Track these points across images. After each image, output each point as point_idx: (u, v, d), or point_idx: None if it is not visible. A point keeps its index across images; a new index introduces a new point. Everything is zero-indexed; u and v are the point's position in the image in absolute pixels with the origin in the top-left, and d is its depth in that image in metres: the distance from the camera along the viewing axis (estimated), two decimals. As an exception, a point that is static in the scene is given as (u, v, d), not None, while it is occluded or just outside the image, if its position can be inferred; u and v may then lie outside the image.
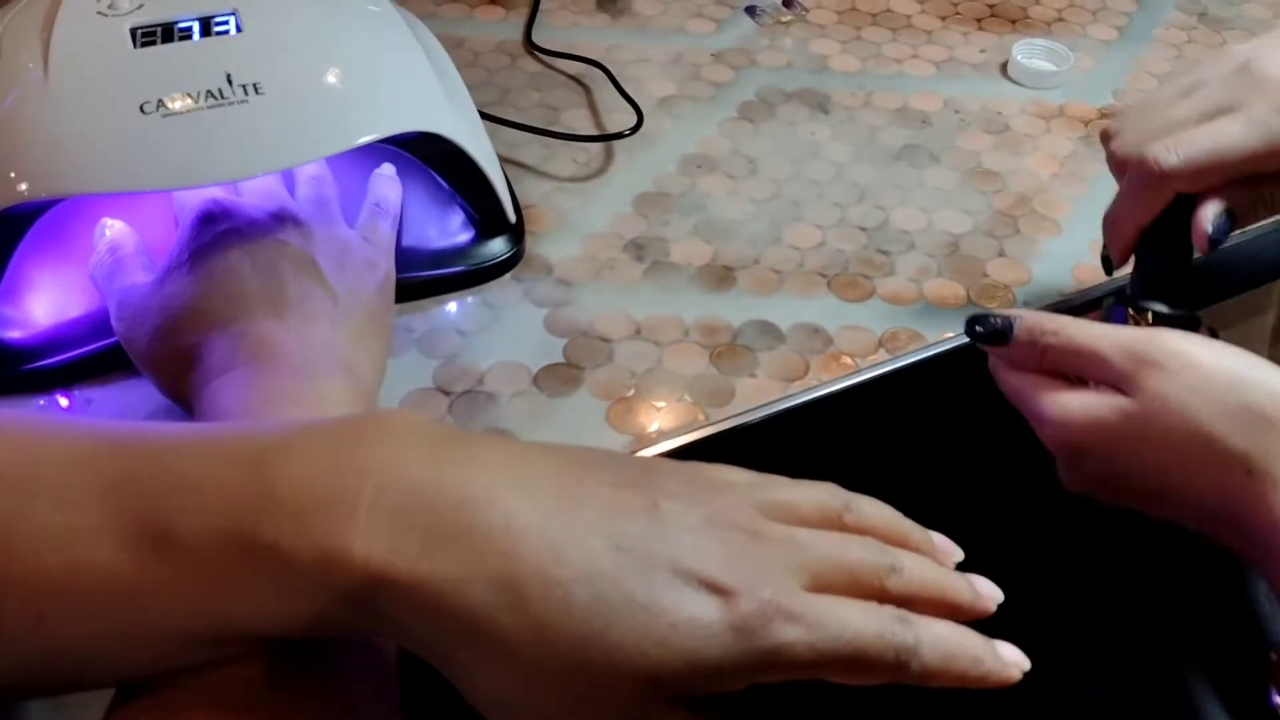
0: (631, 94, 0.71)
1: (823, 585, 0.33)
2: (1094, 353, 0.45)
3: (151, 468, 0.34)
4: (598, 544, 0.32)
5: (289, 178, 0.55)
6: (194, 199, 0.51)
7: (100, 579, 0.32)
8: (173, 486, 0.33)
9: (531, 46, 0.76)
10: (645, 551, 0.32)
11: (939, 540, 0.38)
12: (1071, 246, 0.64)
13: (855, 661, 0.32)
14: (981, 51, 0.78)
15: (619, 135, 0.68)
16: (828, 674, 0.33)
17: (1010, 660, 0.35)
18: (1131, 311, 0.51)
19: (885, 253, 0.63)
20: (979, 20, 0.81)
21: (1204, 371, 0.43)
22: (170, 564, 0.32)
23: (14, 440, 0.35)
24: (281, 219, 0.50)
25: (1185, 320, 0.50)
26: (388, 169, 0.57)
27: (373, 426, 0.34)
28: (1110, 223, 0.53)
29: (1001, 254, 0.63)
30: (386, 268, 0.52)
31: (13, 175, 0.48)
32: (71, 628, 0.33)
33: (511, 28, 0.77)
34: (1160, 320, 0.50)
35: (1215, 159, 0.49)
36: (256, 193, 0.52)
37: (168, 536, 0.32)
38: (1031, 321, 0.46)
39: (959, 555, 0.38)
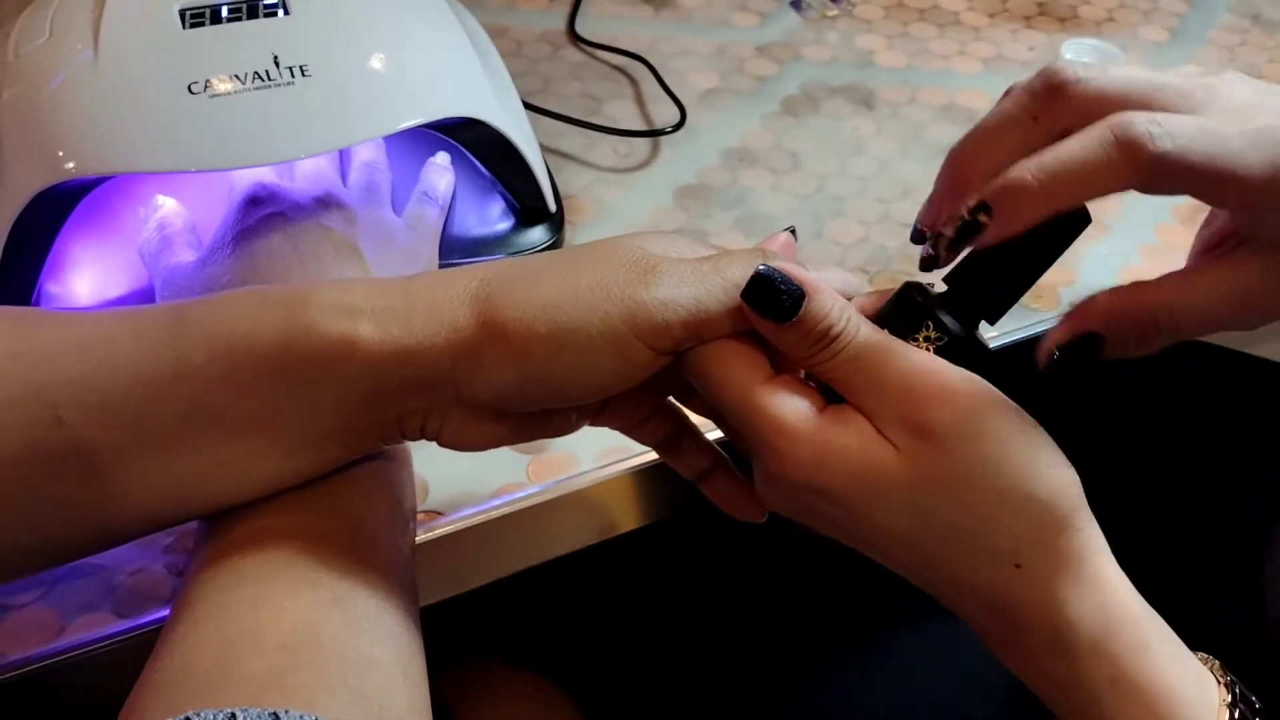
0: (674, 86, 0.71)
1: None
2: (875, 388, 0.37)
3: (183, 307, 0.39)
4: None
5: (344, 162, 0.55)
6: (245, 180, 0.51)
7: (116, 370, 0.36)
8: (206, 306, 0.38)
9: (575, 37, 0.75)
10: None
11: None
12: (1119, 247, 0.63)
13: None
14: (1030, 49, 0.77)
15: (661, 132, 0.67)
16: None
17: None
18: (919, 308, 0.40)
19: (928, 250, 0.62)
20: (1028, 18, 0.79)
21: (989, 454, 0.36)
22: (188, 341, 0.36)
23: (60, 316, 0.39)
24: (327, 204, 0.50)
25: (971, 346, 0.39)
26: (441, 158, 0.58)
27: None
28: (1012, 191, 0.37)
29: (1047, 254, 0.62)
30: (428, 257, 0.52)
31: (61, 153, 0.48)
32: (88, 421, 0.35)
33: (555, 17, 0.77)
34: (943, 341, 0.39)
35: (1212, 163, 0.36)
36: (306, 177, 0.52)
37: (197, 328, 0.37)
38: (822, 310, 0.36)
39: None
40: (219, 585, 0.35)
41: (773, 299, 0.37)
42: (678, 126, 0.67)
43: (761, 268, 0.37)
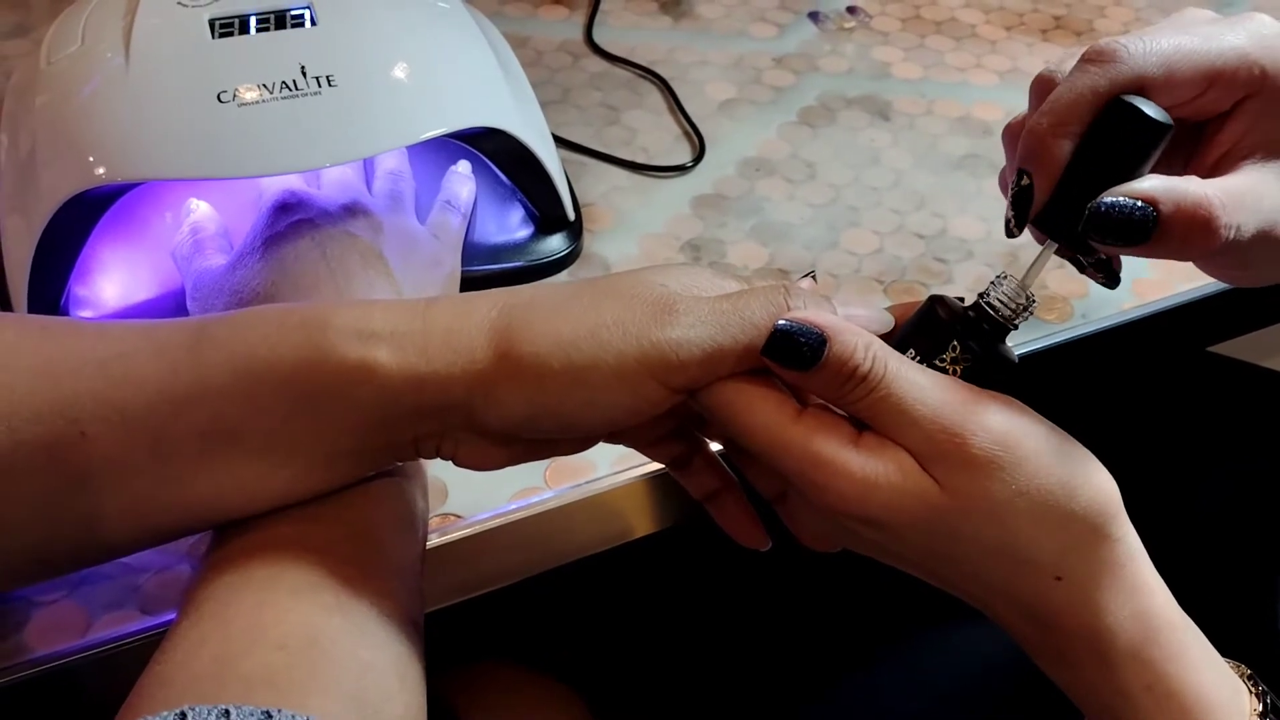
0: (692, 96, 0.71)
1: None
2: (909, 424, 0.36)
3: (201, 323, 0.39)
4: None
5: (368, 170, 0.56)
6: (274, 187, 0.52)
7: (139, 387, 0.36)
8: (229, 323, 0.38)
9: (593, 47, 0.76)
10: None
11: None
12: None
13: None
14: (1046, 63, 0.77)
15: (681, 168, 0.67)
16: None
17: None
18: (944, 327, 0.39)
19: (943, 261, 0.63)
20: (1044, 31, 0.80)
21: (1032, 475, 0.36)
22: (209, 361, 0.37)
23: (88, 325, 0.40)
24: (354, 211, 0.51)
25: (997, 361, 0.39)
26: (463, 167, 0.58)
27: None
28: (1031, 135, 0.40)
29: (1060, 265, 0.63)
30: (452, 265, 0.53)
31: (91, 159, 0.49)
32: (109, 436, 0.36)
33: (574, 27, 0.78)
34: (969, 361, 0.39)
35: (1188, 55, 0.40)
36: (333, 184, 0.53)
37: (215, 344, 0.37)
38: (845, 353, 0.36)
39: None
40: (225, 585, 0.36)
41: (792, 350, 0.37)
42: (697, 160, 0.68)
43: (780, 324, 0.37)
